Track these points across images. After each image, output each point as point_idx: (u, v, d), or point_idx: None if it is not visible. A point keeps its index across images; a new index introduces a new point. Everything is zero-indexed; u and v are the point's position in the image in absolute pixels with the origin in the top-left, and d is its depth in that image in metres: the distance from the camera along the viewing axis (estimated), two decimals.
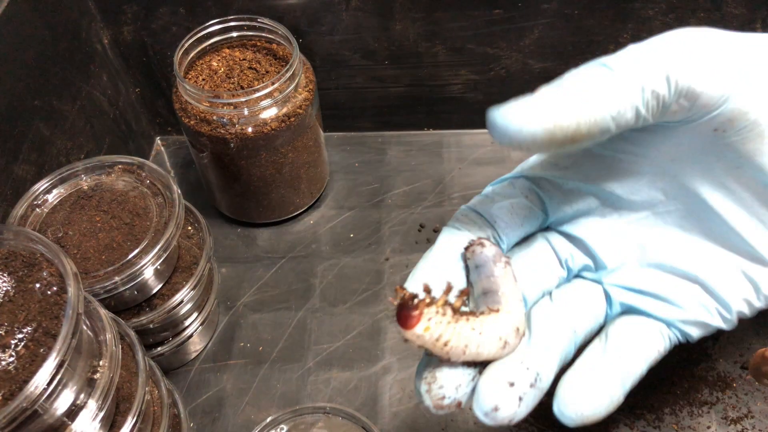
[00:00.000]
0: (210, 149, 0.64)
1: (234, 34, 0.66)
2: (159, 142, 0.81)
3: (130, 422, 0.43)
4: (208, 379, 0.61)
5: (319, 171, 0.72)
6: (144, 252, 0.51)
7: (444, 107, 0.78)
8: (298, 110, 0.62)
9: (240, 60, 0.66)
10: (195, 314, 0.60)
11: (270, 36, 0.66)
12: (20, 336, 0.37)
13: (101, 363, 0.41)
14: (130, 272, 0.50)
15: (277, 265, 0.69)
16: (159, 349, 0.58)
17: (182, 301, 0.56)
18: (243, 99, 0.60)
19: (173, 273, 0.57)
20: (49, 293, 0.39)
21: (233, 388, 0.60)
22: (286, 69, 0.60)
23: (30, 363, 0.36)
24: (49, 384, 0.35)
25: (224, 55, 0.66)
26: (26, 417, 0.35)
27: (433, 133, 0.80)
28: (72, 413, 0.39)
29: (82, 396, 0.40)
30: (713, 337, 0.60)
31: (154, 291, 0.55)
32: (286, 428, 0.56)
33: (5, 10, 0.55)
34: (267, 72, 0.65)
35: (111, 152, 0.69)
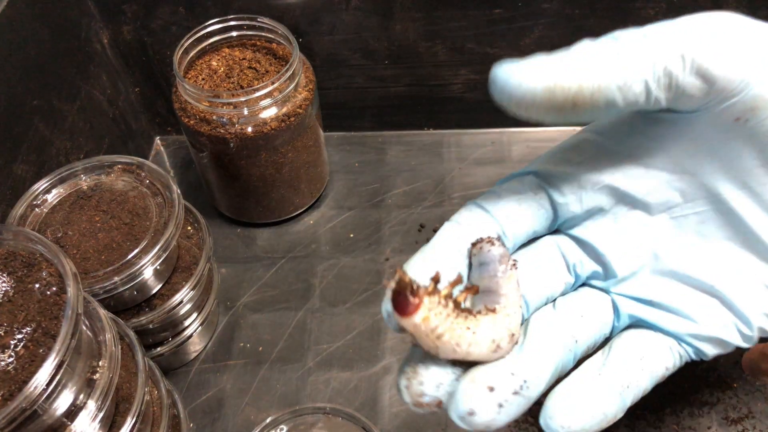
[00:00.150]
0: (210, 149, 0.63)
1: (234, 34, 0.66)
2: (158, 142, 0.81)
3: (130, 423, 0.43)
4: (208, 380, 0.61)
5: (319, 171, 0.72)
6: (143, 252, 0.51)
7: (444, 107, 0.77)
8: (298, 110, 0.62)
9: (240, 59, 0.66)
10: (195, 314, 0.60)
11: (270, 35, 0.66)
12: (19, 336, 0.37)
13: (101, 363, 0.41)
14: (130, 272, 0.50)
15: (277, 266, 0.69)
16: (158, 350, 0.58)
17: (182, 302, 0.56)
18: (243, 99, 0.59)
19: (173, 273, 0.57)
20: (49, 293, 0.39)
21: (233, 389, 0.60)
22: (286, 68, 0.60)
23: (29, 363, 0.36)
24: (49, 384, 0.35)
25: (224, 55, 0.66)
26: (25, 417, 0.35)
27: (433, 133, 0.80)
28: (71, 414, 0.39)
29: (82, 396, 0.40)
30: None
31: (154, 291, 0.55)
32: (286, 428, 0.56)
33: (4, 10, 0.54)
34: (267, 72, 0.65)
35: (110, 152, 0.69)
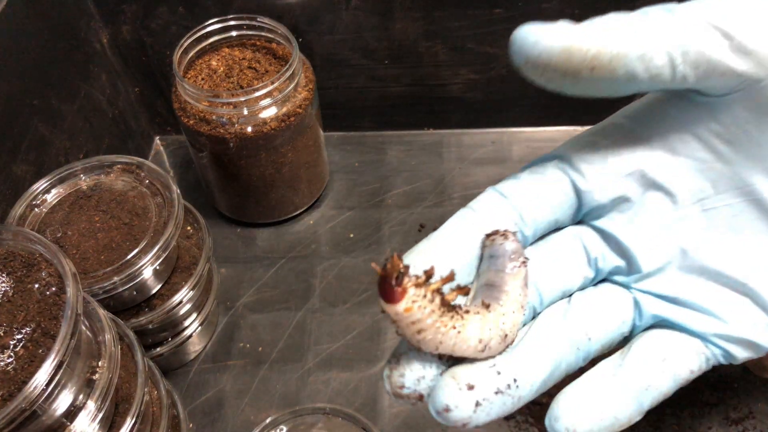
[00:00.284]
0: (209, 149, 0.63)
1: (233, 34, 0.66)
2: (158, 142, 0.81)
3: (129, 423, 0.43)
4: (208, 380, 0.61)
5: (319, 171, 0.72)
6: (143, 252, 0.51)
7: (444, 107, 0.77)
8: (298, 110, 0.62)
9: (239, 59, 0.66)
10: (194, 315, 0.60)
11: (269, 35, 0.65)
12: (19, 336, 0.37)
13: (100, 363, 0.41)
14: (129, 272, 0.50)
15: (277, 266, 0.69)
16: (158, 350, 0.58)
17: (181, 302, 0.56)
18: (242, 98, 0.59)
19: (172, 273, 0.57)
20: (48, 294, 0.39)
21: (233, 389, 0.60)
22: (286, 68, 0.60)
23: (29, 364, 0.36)
24: (48, 385, 0.35)
25: (223, 55, 0.66)
26: (25, 418, 0.35)
27: (434, 133, 0.80)
28: (71, 414, 0.39)
29: (81, 397, 0.40)
30: None
31: (154, 291, 0.55)
32: (286, 429, 0.56)
33: (3, 10, 0.54)
34: (266, 71, 0.64)
35: (110, 152, 0.69)
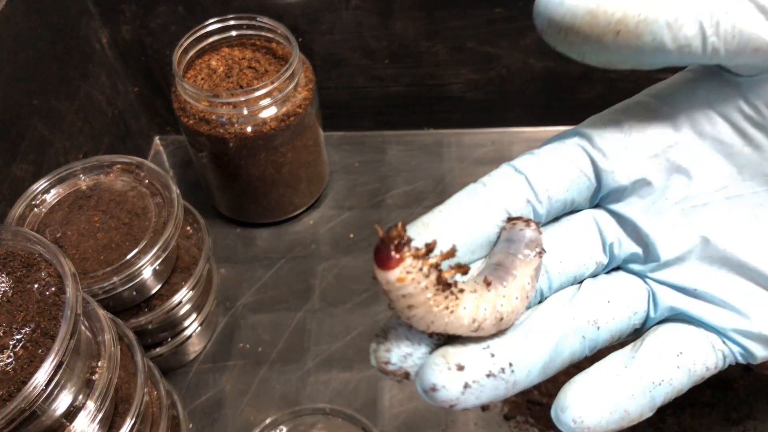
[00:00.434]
0: (209, 149, 0.63)
1: (233, 33, 0.66)
2: (158, 142, 0.81)
3: (129, 423, 0.43)
4: (207, 380, 0.61)
5: (319, 171, 0.71)
6: (143, 252, 0.51)
7: (444, 106, 0.77)
8: (298, 110, 0.62)
9: (239, 59, 0.65)
10: (194, 315, 0.60)
11: (269, 35, 0.65)
12: (18, 337, 0.37)
13: (100, 364, 0.41)
14: (129, 272, 0.50)
15: (277, 266, 0.69)
16: (158, 350, 0.58)
17: (181, 302, 0.56)
18: (242, 98, 0.59)
19: (172, 273, 0.57)
20: (48, 294, 0.39)
21: (232, 389, 0.60)
22: (286, 68, 0.60)
23: (28, 364, 0.36)
24: (48, 385, 0.35)
25: (223, 54, 0.66)
26: (24, 418, 0.35)
27: (434, 133, 0.80)
28: (70, 414, 0.39)
29: (81, 397, 0.40)
30: None
31: (153, 291, 0.55)
32: (286, 429, 0.56)
33: (3, 9, 0.54)
34: (266, 71, 0.64)
35: (109, 152, 0.69)
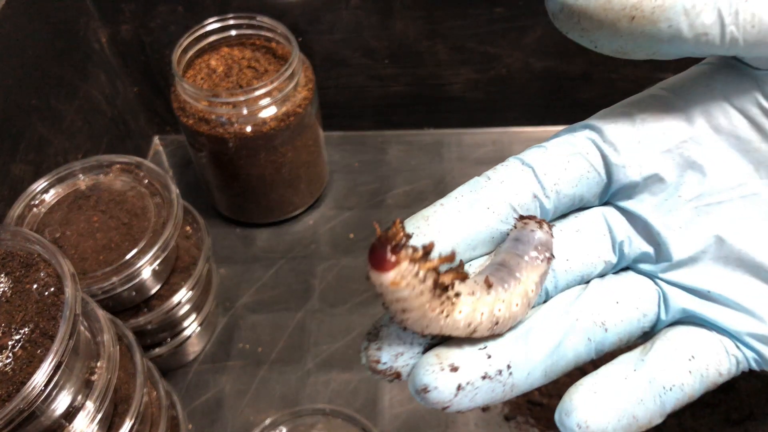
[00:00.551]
0: (208, 149, 0.63)
1: (233, 33, 0.66)
2: (157, 142, 0.81)
3: (128, 424, 0.43)
4: (207, 381, 0.61)
5: (319, 171, 0.71)
6: (142, 252, 0.51)
7: (444, 106, 0.77)
8: (298, 109, 0.62)
9: (239, 59, 0.65)
10: (193, 315, 0.60)
11: (269, 35, 0.65)
12: (17, 337, 0.37)
13: (99, 364, 0.41)
14: (128, 273, 0.50)
15: (277, 266, 0.69)
16: (157, 351, 0.57)
17: (180, 302, 0.56)
18: (242, 98, 0.59)
19: (171, 273, 0.57)
20: (47, 294, 0.39)
21: (232, 390, 0.60)
22: (286, 68, 0.60)
23: (27, 364, 0.36)
24: (47, 385, 0.35)
25: (223, 54, 0.66)
26: (23, 419, 0.35)
27: (434, 133, 0.80)
28: (70, 415, 0.39)
29: (80, 397, 0.40)
30: None
31: (153, 292, 0.55)
32: (285, 430, 0.56)
33: (2, 9, 0.54)
34: (266, 71, 0.64)
35: (109, 152, 0.69)
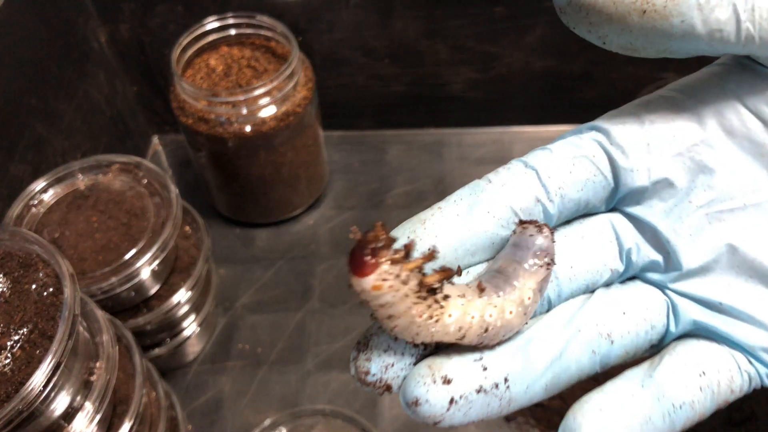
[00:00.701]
0: (208, 148, 0.63)
1: (232, 32, 0.65)
2: (156, 142, 0.80)
3: (128, 425, 0.43)
4: (206, 381, 0.61)
5: (319, 170, 0.71)
6: (141, 252, 0.51)
7: (445, 106, 0.77)
8: (297, 109, 0.62)
9: (238, 58, 0.65)
10: (193, 315, 0.59)
11: (269, 34, 0.65)
12: (16, 337, 0.37)
13: (98, 365, 0.41)
14: (127, 273, 0.50)
15: (276, 266, 0.68)
16: (156, 351, 0.57)
17: (180, 303, 0.56)
18: (241, 97, 0.59)
19: (171, 274, 0.57)
20: (45, 294, 0.39)
21: (231, 390, 0.60)
22: (285, 67, 0.60)
23: (26, 365, 0.36)
24: (46, 386, 0.35)
25: (222, 53, 0.66)
26: (22, 419, 0.35)
27: (434, 132, 0.80)
28: (68, 415, 0.39)
29: (79, 398, 0.40)
30: None
31: (152, 292, 0.55)
32: (285, 430, 0.56)
33: (1, 9, 0.54)
34: (266, 70, 0.64)
35: (108, 151, 0.69)
